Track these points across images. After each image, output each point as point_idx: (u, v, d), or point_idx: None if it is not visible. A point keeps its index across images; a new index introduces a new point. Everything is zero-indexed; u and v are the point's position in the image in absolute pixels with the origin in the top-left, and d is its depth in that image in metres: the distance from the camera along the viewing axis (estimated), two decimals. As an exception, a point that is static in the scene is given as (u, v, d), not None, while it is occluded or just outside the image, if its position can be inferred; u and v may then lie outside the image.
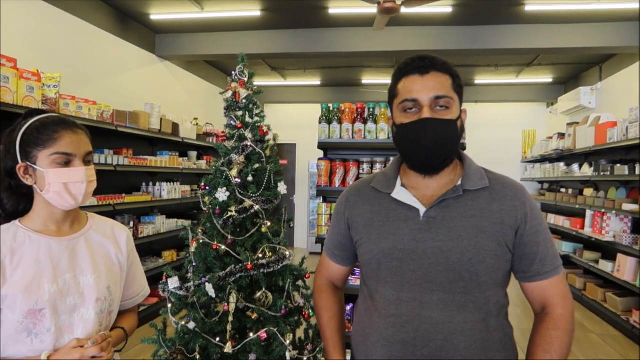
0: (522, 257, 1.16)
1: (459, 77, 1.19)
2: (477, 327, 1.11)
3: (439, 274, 1.12)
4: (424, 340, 1.11)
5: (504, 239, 1.14)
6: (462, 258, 1.11)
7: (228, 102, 1.99)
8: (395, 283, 1.16)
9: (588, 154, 6.01)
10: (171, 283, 1.77)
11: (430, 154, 1.14)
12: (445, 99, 1.13)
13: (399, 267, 1.16)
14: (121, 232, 1.44)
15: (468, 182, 1.18)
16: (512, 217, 1.15)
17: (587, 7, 4.94)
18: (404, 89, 1.17)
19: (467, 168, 1.22)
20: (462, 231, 1.13)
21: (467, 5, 5.04)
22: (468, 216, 1.14)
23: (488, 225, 1.13)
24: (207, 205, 1.87)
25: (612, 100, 6.40)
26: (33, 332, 1.17)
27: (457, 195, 1.16)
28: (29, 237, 1.23)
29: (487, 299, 1.13)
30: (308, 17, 5.54)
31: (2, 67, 3.15)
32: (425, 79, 1.14)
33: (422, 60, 1.16)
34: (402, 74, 1.19)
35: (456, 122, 1.16)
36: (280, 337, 1.69)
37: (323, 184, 3.20)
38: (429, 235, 1.14)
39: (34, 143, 1.21)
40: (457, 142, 1.17)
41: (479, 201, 1.16)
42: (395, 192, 1.22)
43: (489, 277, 1.13)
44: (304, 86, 9.18)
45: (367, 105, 3.27)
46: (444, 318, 1.10)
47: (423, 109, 1.13)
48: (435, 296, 1.12)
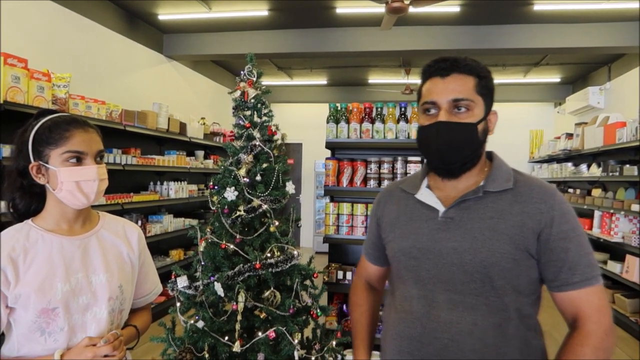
0: (549, 263, 1.10)
1: (488, 77, 1.16)
2: (489, 331, 1.08)
3: (452, 274, 1.12)
4: (430, 338, 1.11)
5: (523, 242, 1.09)
6: (474, 259, 1.10)
7: (236, 101, 2.00)
8: (411, 281, 1.18)
9: (596, 154, 5.96)
10: (180, 282, 1.78)
11: (444, 157, 1.14)
12: (465, 102, 1.12)
13: (415, 265, 1.17)
14: (132, 230, 1.45)
15: (491, 183, 1.16)
16: (535, 220, 1.10)
17: (596, 6, 4.90)
18: (426, 91, 1.17)
19: (495, 169, 1.19)
20: (477, 232, 1.11)
21: (475, 5, 5.02)
22: (486, 217, 1.12)
23: (505, 228, 1.10)
24: (216, 205, 1.88)
25: (621, 100, 6.34)
26: (46, 331, 1.18)
27: (477, 197, 1.15)
28: (42, 236, 1.24)
29: (504, 304, 1.09)
30: (315, 17, 5.54)
31: (13, 68, 3.18)
32: (446, 81, 1.13)
33: (444, 62, 1.15)
34: (427, 76, 1.19)
35: (476, 125, 1.13)
36: (289, 336, 1.69)
37: (330, 184, 3.20)
38: (446, 236, 1.14)
39: (46, 142, 1.22)
40: (476, 146, 1.15)
41: (499, 203, 1.14)
42: (420, 193, 1.23)
43: (505, 282, 1.09)
44: (311, 86, 9.18)
45: (375, 105, 3.27)
46: (452, 318, 1.10)
47: (440, 112, 1.13)
48: (446, 296, 1.12)
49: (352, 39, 5.88)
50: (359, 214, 3.15)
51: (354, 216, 3.16)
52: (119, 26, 5.30)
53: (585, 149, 6.07)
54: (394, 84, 8.48)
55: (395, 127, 3.14)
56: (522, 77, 7.90)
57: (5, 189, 1.29)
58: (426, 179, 1.26)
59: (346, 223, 3.17)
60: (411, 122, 3.12)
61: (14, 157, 1.27)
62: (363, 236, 3.14)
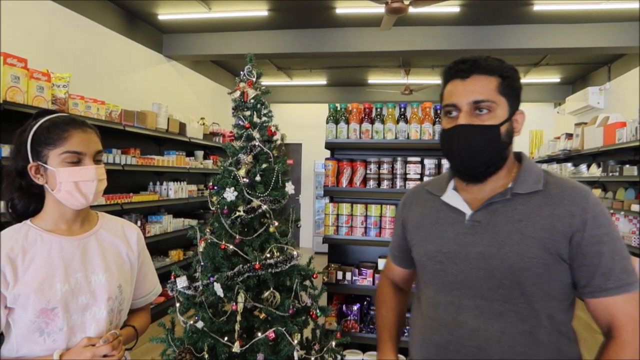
0: (581, 268, 1.06)
1: (512, 77, 1.13)
2: (519, 339, 1.05)
3: (479, 279, 1.09)
4: (457, 346, 1.09)
5: (553, 246, 1.05)
6: (502, 264, 1.06)
7: (236, 102, 2.00)
8: (437, 286, 1.16)
9: (596, 154, 5.96)
10: (179, 282, 1.78)
11: (465, 162, 1.11)
12: (486, 103, 1.08)
13: (441, 270, 1.15)
14: (132, 230, 1.45)
15: (519, 185, 1.12)
16: (566, 223, 1.05)
17: (595, 6, 4.90)
18: (447, 94, 1.14)
19: (524, 171, 1.15)
20: (504, 236, 1.08)
21: (475, 5, 5.02)
22: (514, 221, 1.08)
23: (534, 231, 1.06)
24: (215, 205, 1.88)
25: (621, 101, 6.35)
26: (45, 331, 1.18)
27: (505, 199, 1.11)
28: (41, 236, 1.24)
29: (535, 311, 1.06)
30: (315, 17, 5.54)
31: (13, 67, 3.18)
32: (466, 82, 1.10)
33: (464, 64, 1.12)
34: (447, 78, 1.16)
35: (499, 126, 1.09)
36: (288, 336, 1.69)
37: (330, 184, 3.20)
38: (473, 240, 1.11)
39: (45, 142, 1.22)
40: (499, 148, 1.10)
41: (528, 205, 1.09)
42: (446, 195, 1.20)
43: (536, 288, 1.05)
44: (310, 86, 9.18)
45: (375, 105, 3.27)
46: (479, 325, 1.07)
47: (460, 114, 1.10)
48: (473, 302, 1.09)
49: (352, 39, 5.88)
50: (358, 215, 3.14)
51: (353, 216, 3.16)
52: (119, 26, 5.30)
53: (585, 149, 6.07)
54: (394, 84, 8.48)
55: (394, 128, 3.14)
56: (522, 77, 7.85)
57: (4, 189, 1.29)
58: (452, 180, 1.23)
59: (345, 223, 3.17)
60: (410, 123, 3.12)
61: (12, 158, 1.27)
62: (362, 237, 3.14)
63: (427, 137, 3.08)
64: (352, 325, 3.12)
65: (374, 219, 3.13)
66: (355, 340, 3.08)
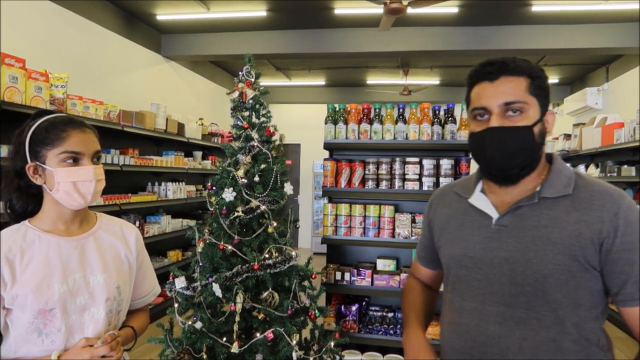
0: (612, 276, 1.03)
1: (541, 77, 1.09)
2: (541, 347, 1.03)
3: (502, 285, 1.08)
4: (480, 352, 1.09)
5: (581, 253, 1.02)
6: (526, 271, 1.04)
7: (235, 102, 2.00)
8: (461, 291, 1.15)
9: (594, 154, 5.98)
10: (178, 283, 1.78)
11: (498, 164, 1.08)
12: (517, 104, 1.05)
13: (466, 274, 1.14)
14: (130, 231, 1.44)
15: (548, 188, 1.09)
16: (595, 229, 1.02)
17: (594, 7, 4.91)
18: (475, 97, 1.11)
19: (553, 173, 1.12)
20: (529, 242, 1.05)
21: (474, 6, 5.02)
22: (540, 226, 1.06)
23: (560, 237, 1.03)
24: (214, 206, 1.88)
25: (619, 101, 6.36)
26: (43, 332, 1.18)
27: (532, 203, 1.09)
28: (39, 237, 1.24)
29: (559, 319, 1.03)
30: (313, 18, 5.54)
31: (11, 68, 3.17)
32: (495, 84, 1.07)
33: (492, 65, 1.09)
34: (474, 80, 1.13)
35: (531, 127, 1.06)
36: (287, 337, 1.69)
37: (329, 185, 3.20)
38: (498, 245, 1.09)
39: (43, 142, 1.22)
40: (533, 150, 1.08)
41: (555, 210, 1.06)
42: (473, 197, 1.19)
43: (562, 295, 1.03)
44: (309, 86, 9.19)
45: (373, 106, 3.27)
46: (501, 332, 1.06)
47: (492, 117, 1.07)
48: (495, 308, 1.08)
49: (351, 39, 5.89)
50: (357, 215, 3.15)
51: (352, 217, 3.16)
52: (117, 26, 5.29)
53: (583, 150, 6.09)
54: (393, 84, 8.49)
55: (393, 128, 3.14)
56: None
57: (2, 189, 1.29)
58: (480, 182, 1.21)
59: (344, 224, 3.17)
60: (409, 123, 3.13)
61: (11, 158, 1.27)
62: (361, 237, 3.14)
63: (425, 138, 3.08)
64: (350, 326, 3.12)
65: (372, 220, 3.13)
66: (354, 340, 3.08)
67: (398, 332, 3.08)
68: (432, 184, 3.04)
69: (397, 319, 3.23)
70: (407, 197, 3.14)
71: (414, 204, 3.32)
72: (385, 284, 3.06)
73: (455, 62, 7.08)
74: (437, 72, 7.81)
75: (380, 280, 3.07)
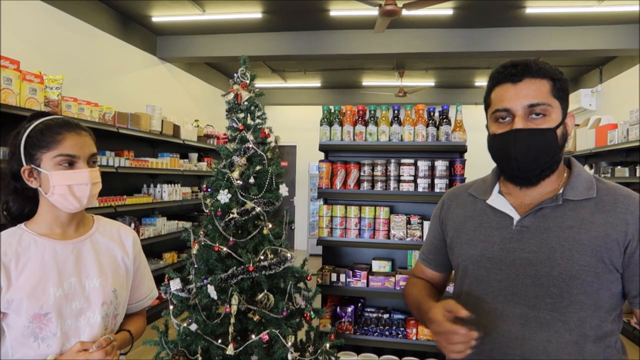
0: (633, 278, 1.04)
1: (562, 79, 1.09)
2: (565, 349, 1.03)
3: (525, 287, 1.06)
4: (501, 354, 1.07)
5: (607, 255, 1.03)
6: (552, 272, 1.04)
7: (230, 104, 2.00)
8: (480, 292, 1.13)
9: (588, 155, 6.01)
10: (173, 285, 1.78)
11: (522, 166, 1.08)
12: (541, 107, 1.05)
13: (485, 275, 1.12)
14: (127, 234, 1.43)
15: (571, 191, 1.09)
16: (621, 232, 1.03)
17: (587, 9, 4.95)
18: (497, 98, 1.11)
19: (575, 176, 1.12)
20: (555, 243, 1.05)
21: (468, 8, 5.05)
22: (565, 227, 1.06)
23: (587, 239, 1.03)
24: (209, 207, 1.88)
25: (613, 103, 6.41)
26: (39, 336, 1.17)
27: (556, 205, 1.08)
28: (34, 240, 1.23)
29: (581, 320, 1.03)
30: (309, 19, 5.55)
31: (5, 69, 3.16)
32: (519, 87, 1.06)
33: (515, 67, 1.08)
34: (495, 82, 1.12)
35: (555, 130, 1.06)
36: (282, 339, 1.70)
37: (324, 186, 3.21)
38: (520, 245, 1.09)
39: (38, 145, 1.21)
40: (556, 152, 1.08)
41: (580, 212, 1.07)
42: (492, 198, 1.18)
43: (585, 297, 1.03)
44: (305, 88, 9.19)
45: (368, 108, 3.28)
46: (524, 334, 1.05)
47: (515, 119, 1.07)
48: (518, 310, 1.07)
49: (346, 41, 5.90)
50: (352, 217, 3.15)
51: (347, 218, 3.16)
52: (112, 28, 5.28)
53: (577, 151, 6.12)
54: (388, 86, 8.51)
55: (388, 130, 3.15)
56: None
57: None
58: (497, 184, 1.20)
59: (340, 225, 3.17)
60: (404, 125, 3.14)
61: (7, 160, 1.26)
62: (356, 238, 3.15)
63: (420, 139, 3.09)
64: (346, 327, 3.12)
65: (367, 221, 3.13)
66: (350, 342, 3.09)
67: (394, 333, 3.09)
68: (427, 186, 3.05)
69: (392, 320, 3.24)
70: (402, 199, 3.16)
71: (409, 206, 3.33)
72: (381, 285, 3.06)
73: (450, 63, 7.11)
74: (432, 73, 7.84)
75: (376, 281, 3.08)
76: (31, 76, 3.39)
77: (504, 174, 1.18)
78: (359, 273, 3.12)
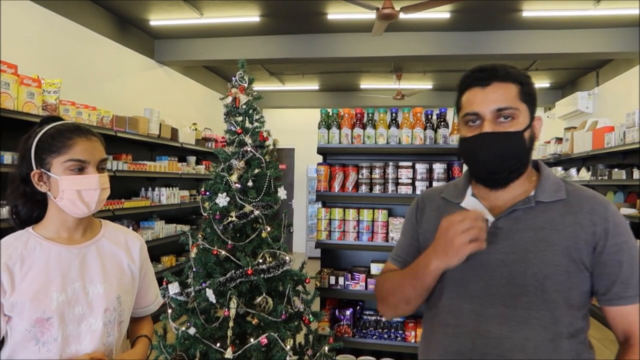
0: (601, 276, 1.08)
1: (529, 84, 1.13)
2: (542, 346, 1.05)
3: (502, 287, 1.09)
4: (480, 354, 1.08)
5: (577, 254, 1.06)
6: (527, 272, 1.06)
7: (228, 107, 2.00)
8: (457, 293, 1.14)
9: (586, 158, 6.03)
10: (171, 288, 1.78)
11: (491, 168, 1.11)
12: (509, 110, 1.08)
13: (461, 277, 1.13)
14: (135, 241, 1.43)
15: (542, 193, 1.13)
16: (589, 232, 1.07)
17: (584, 13, 4.97)
18: (467, 102, 1.13)
19: (544, 179, 1.16)
20: (528, 244, 1.08)
21: (465, 11, 5.07)
22: (537, 228, 1.09)
23: (558, 239, 1.07)
24: (207, 211, 1.88)
25: (609, 105, 6.43)
26: (40, 340, 1.17)
27: (528, 207, 1.11)
28: (40, 244, 1.23)
29: (555, 318, 1.06)
30: (307, 23, 5.57)
31: (3, 74, 3.16)
32: (487, 90, 1.10)
33: (483, 72, 1.12)
34: (465, 86, 1.15)
35: (522, 133, 1.10)
36: (281, 342, 1.69)
37: (322, 189, 3.21)
38: (495, 247, 1.10)
39: (49, 150, 1.21)
40: (523, 154, 1.11)
41: (551, 213, 1.10)
42: (465, 201, 1.19)
43: (558, 295, 1.06)
44: (303, 91, 9.21)
45: (366, 111, 3.29)
46: (503, 333, 1.07)
47: (484, 123, 1.09)
48: (496, 310, 1.08)
49: (344, 44, 5.92)
50: (350, 219, 3.15)
51: (345, 221, 3.17)
52: (110, 32, 5.29)
53: (574, 154, 6.14)
54: (386, 89, 8.53)
55: (386, 133, 3.16)
56: (512, 83, 7.97)
57: (8, 195, 1.29)
58: (470, 187, 1.22)
59: (338, 228, 3.17)
60: (402, 128, 3.15)
61: (18, 164, 1.27)
62: (355, 241, 3.15)
63: (418, 142, 3.10)
64: (345, 330, 3.12)
65: (366, 224, 3.14)
66: (348, 345, 3.08)
67: (392, 336, 3.08)
68: (425, 188, 3.06)
69: (391, 323, 3.24)
70: (400, 201, 3.16)
71: (407, 208, 3.33)
72: (379, 288, 3.06)
73: (447, 66, 7.13)
74: (429, 76, 7.86)
75: (374, 284, 3.07)
76: (29, 80, 3.39)
77: (474, 177, 1.20)
78: (358, 276, 3.12)
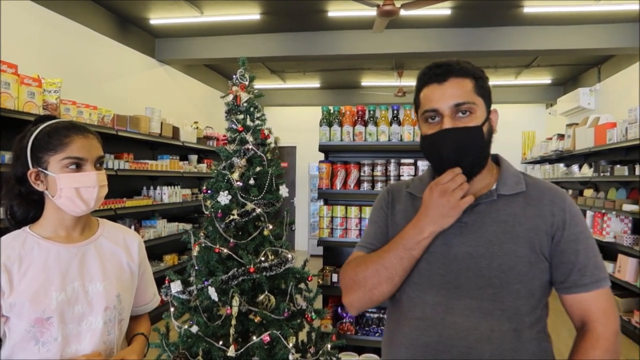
0: (559, 265, 1.11)
1: (483, 77, 1.15)
2: (506, 337, 1.07)
3: (468, 279, 1.10)
4: (447, 346, 1.08)
5: (538, 245, 1.10)
6: (492, 264, 1.09)
7: (229, 105, 2.00)
8: (423, 286, 1.15)
9: (588, 154, 6.02)
10: (174, 287, 1.77)
11: (453, 164, 1.12)
12: (466, 105, 1.10)
13: (428, 269, 1.14)
14: (133, 239, 1.43)
15: (503, 186, 1.15)
16: (548, 223, 1.11)
17: (585, 8, 4.95)
18: (425, 99, 1.15)
19: (504, 172, 1.19)
20: (492, 236, 1.10)
21: (466, 7, 5.05)
22: (500, 221, 1.11)
23: (521, 231, 1.10)
24: (209, 209, 1.88)
25: (611, 101, 6.41)
26: (40, 340, 1.17)
27: (490, 200, 1.14)
28: (38, 243, 1.22)
29: (517, 308, 1.08)
30: (307, 20, 5.56)
31: (3, 73, 3.16)
32: (444, 86, 1.11)
33: (439, 68, 1.13)
34: (422, 83, 1.16)
35: (481, 127, 1.12)
36: (283, 340, 1.69)
37: (324, 187, 3.21)
38: (460, 240, 1.12)
39: (45, 148, 1.21)
40: (484, 148, 1.14)
41: (512, 206, 1.13)
42: None
43: (521, 286, 1.09)
44: (304, 89, 9.20)
45: (368, 108, 3.28)
46: (469, 325, 1.08)
47: (444, 119, 1.11)
48: (462, 302, 1.09)
49: (345, 42, 5.90)
50: (352, 217, 3.15)
51: (347, 219, 3.16)
52: (111, 31, 5.28)
53: (576, 150, 6.12)
54: (387, 86, 8.51)
55: (387, 130, 3.15)
56: (513, 79, 7.96)
57: (2, 196, 1.28)
58: None
59: (340, 226, 3.17)
60: (404, 125, 3.14)
61: (12, 164, 1.26)
62: (357, 239, 3.14)
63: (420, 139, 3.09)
64: (347, 328, 3.12)
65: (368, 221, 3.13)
66: (351, 342, 3.08)
67: (395, 333, 3.08)
68: (427, 185, 3.05)
69: (393, 320, 3.23)
70: (402, 199, 3.15)
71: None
72: (382, 285, 3.06)
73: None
74: (431, 73, 7.84)
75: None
76: (29, 80, 3.39)
77: (437, 172, 1.20)
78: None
